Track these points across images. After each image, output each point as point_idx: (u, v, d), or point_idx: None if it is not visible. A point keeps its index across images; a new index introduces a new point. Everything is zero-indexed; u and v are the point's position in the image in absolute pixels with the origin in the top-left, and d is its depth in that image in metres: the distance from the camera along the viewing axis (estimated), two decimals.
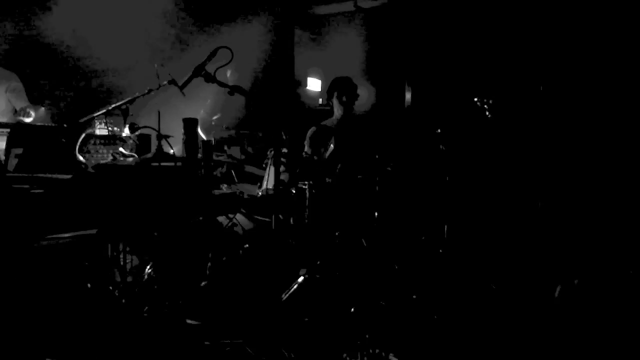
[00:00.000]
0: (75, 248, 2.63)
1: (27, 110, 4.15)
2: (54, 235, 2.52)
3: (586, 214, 4.78)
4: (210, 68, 3.03)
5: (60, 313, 2.58)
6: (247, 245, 3.61)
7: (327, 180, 3.95)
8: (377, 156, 3.96)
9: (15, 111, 4.30)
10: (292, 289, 3.37)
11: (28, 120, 4.08)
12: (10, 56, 4.78)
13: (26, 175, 2.70)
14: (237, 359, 2.83)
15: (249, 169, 4.39)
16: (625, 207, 4.65)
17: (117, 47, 5.22)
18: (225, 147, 4.52)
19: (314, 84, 6.99)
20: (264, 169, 3.98)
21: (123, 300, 3.03)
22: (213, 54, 3.00)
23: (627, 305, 3.66)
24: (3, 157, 2.96)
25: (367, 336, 3.06)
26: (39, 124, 4.00)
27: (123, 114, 3.33)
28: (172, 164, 3.14)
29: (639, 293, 3.80)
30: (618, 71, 4.83)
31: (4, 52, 4.84)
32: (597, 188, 4.82)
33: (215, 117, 4.76)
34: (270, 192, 3.76)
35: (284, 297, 3.32)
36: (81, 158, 2.94)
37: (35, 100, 4.58)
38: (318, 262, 3.62)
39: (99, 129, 3.39)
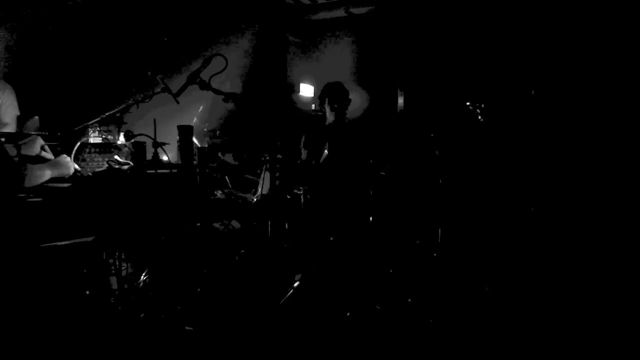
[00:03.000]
0: (73, 255, 2.63)
1: (8, 124, 4.22)
2: (52, 243, 2.53)
3: (578, 216, 4.82)
4: (204, 76, 3.05)
5: (60, 320, 2.59)
6: (243, 251, 3.62)
7: (321, 185, 3.97)
8: (371, 161, 3.98)
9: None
10: (288, 294, 3.39)
11: (8, 130, 4.13)
12: (6, 66, 4.77)
13: None
14: None
15: (244, 175, 4.41)
16: (617, 209, 4.70)
17: (110, 54, 5.23)
18: (220, 154, 4.53)
19: (306, 90, 7.02)
20: (259, 175, 4.00)
21: (119, 308, 3.04)
22: (207, 62, 3.02)
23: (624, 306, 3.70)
24: None
25: (363, 340, 3.09)
26: (33, 133, 4.00)
27: (117, 122, 3.34)
28: (168, 170, 3.15)
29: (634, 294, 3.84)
30: (608, 75, 4.88)
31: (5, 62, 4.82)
32: (589, 190, 4.86)
33: (206, 125, 4.78)
34: (265, 198, 3.78)
35: (280, 302, 3.33)
36: (77, 166, 2.95)
37: (28, 109, 4.57)
38: (313, 267, 3.64)
39: (93, 137, 3.39)
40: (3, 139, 2.81)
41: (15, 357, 2.40)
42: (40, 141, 2.84)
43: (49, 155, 2.87)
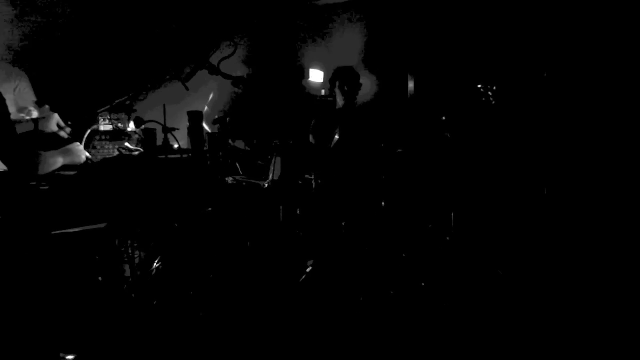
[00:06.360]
0: (84, 242, 2.64)
1: (30, 109, 4.20)
2: (65, 230, 2.54)
3: (592, 200, 4.77)
4: (214, 61, 3.03)
5: (73, 307, 2.61)
6: (255, 237, 3.62)
7: (333, 170, 3.95)
8: (382, 145, 3.96)
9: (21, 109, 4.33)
10: (301, 279, 3.38)
11: (32, 115, 4.13)
12: (22, 54, 4.77)
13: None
14: (248, 349, 2.85)
15: (254, 160, 4.39)
16: (631, 194, 4.63)
17: (118, 42, 5.22)
18: (230, 140, 4.52)
19: (315, 75, 6.96)
20: (269, 160, 3.98)
21: (133, 294, 3.05)
22: (216, 46, 3.00)
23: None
24: None
25: (376, 324, 3.08)
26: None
27: (127, 110, 3.33)
28: (179, 156, 3.15)
29: None
30: (622, 55, 4.80)
31: (18, 50, 4.82)
32: (602, 174, 4.80)
33: (216, 111, 4.76)
34: (276, 183, 3.77)
35: (293, 287, 3.33)
36: (88, 154, 2.95)
37: (39, 98, 4.59)
38: (326, 252, 3.63)
39: (103, 124, 3.39)
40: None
41: (29, 343, 2.42)
42: (56, 118, 2.83)
43: (64, 133, 2.88)
